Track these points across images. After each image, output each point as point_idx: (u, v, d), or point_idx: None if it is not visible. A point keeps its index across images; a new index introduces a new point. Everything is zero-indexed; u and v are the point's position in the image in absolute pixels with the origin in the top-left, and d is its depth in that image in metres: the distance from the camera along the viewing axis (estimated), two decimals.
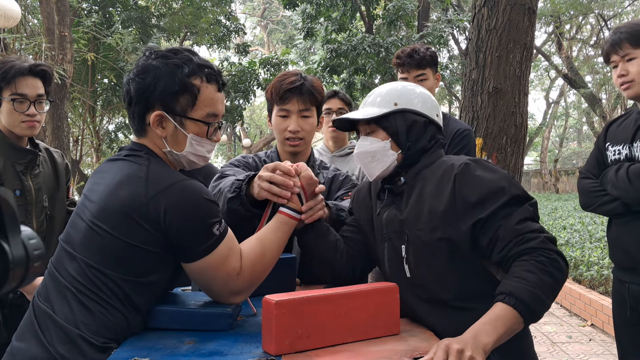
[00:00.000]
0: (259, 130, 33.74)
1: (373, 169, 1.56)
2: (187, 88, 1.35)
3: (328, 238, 1.60)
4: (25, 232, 0.62)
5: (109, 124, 13.46)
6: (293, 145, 1.87)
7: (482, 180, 1.39)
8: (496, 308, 1.23)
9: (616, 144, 2.10)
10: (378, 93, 1.60)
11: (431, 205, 1.43)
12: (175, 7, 12.76)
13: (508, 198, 1.36)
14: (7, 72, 1.97)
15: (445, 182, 1.43)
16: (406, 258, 1.47)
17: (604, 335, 4.63)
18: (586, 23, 21.31)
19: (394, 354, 1.15)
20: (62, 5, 7.18)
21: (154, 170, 1.30)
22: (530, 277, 1.24)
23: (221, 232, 1.31)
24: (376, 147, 1.53)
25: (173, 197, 1.25)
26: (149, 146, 1.38)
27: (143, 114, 1.37)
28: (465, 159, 1.46)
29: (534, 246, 1.29)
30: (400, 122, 1.53)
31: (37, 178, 2.09)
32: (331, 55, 12.11)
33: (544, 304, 1.25)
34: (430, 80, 2.58)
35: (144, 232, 1.25)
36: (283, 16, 29.51)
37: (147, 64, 1.36)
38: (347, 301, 1.24)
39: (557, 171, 26.39)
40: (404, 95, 1.56)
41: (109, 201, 1.27)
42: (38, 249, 0.63)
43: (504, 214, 1.34)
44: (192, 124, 1.38)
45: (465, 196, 1.38)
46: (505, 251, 1.33)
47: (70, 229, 1.35)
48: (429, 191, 1.46)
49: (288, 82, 1.84)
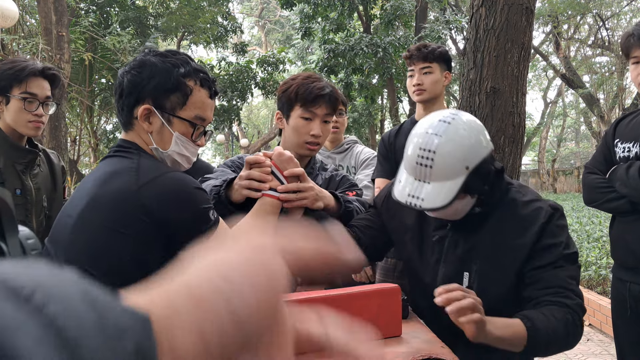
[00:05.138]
0: (257, 130, 33.73)
1: (455, 217, 1.51)
2: (180, 87, 1.36)
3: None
4: (22, 232, 0.61)
5: (106, 124, 13.45)
6: (311, 149, 1.86)
7: (559, 234, 1.45)
8: (513, 320, 1.32)
9: (626, 141, 2.07)
10: (440, 161, 1.37)
11: (512, 243, 1.45)
12: (173, 7, 12.75)
13: (569, 253, 1.43)
14: (21, 71, 1.99)
15: (529, 225, 1.45)
16: (469, 286, 1.47)
17: (601, 335, 4.64)
18: (584, 23, 21.35)
19: (396, 356, 1.14)
20: (60, 5, 7.16)
21: (144, 162, 1.30)
22: (553, 321, 1.32)
23: (215, 217, 1.32)
24: (458, 207, 1.45)
25: (165, 185, 1.25)
26: (138, 142, 1.39)
27: (132, 106, 1.37)
28: (548, 205, 1.49)
29: (569, 305, 1.36)
30: (478, 182, 1.40)
31: (37, 178, 2.10)
32: (329, 55, 12.12)
33: (546, 349, 1.36)
34: (435, 75, 2.57)
35: (136, 220, 1.23)
36: (281, 16, 29.53)
37: (144, 59, 1.37)
38: (349, 302, 1.23)
39: (555, 171, 26.44)
40: (469, 151, 1.39)
41: (100, 192, 1.26)
42: (36, 249, 0.62)
43: (558, 265, 1.41)
44: (179, 123, 1.38)
45: (543, 243, 1.43)
46: (542, 293, 1.39)
47: (55, 227, 1.34)
48: (509, 227, 1.47)
49: (319, 87, 1.83)
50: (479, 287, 1.46)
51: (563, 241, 1.44)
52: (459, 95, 5.01)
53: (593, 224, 8.38)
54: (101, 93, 12.03)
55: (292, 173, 1.54)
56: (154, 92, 1.35)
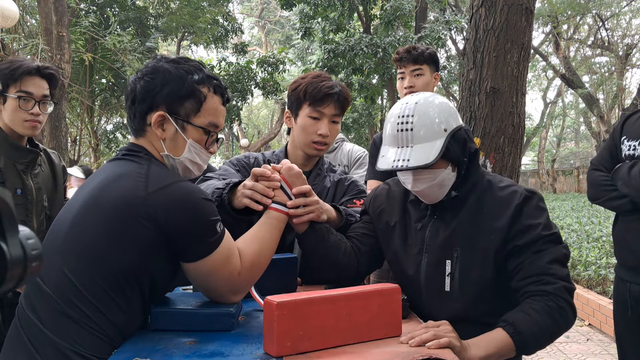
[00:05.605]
0: (257, 130, 33.73)
1: (438, 195, 1.53)
2: (194, 94, 1.36)
3: (329, 240, 1.59)
4: (23, 231, 0.61)
5: (107, 124, 13.47)
6: (319, 149, 1.85)
7: (536, 216, 1.46)
8: (495, 332, 1.34)
9: (632, 138, 2.06)
10: (419, 123, 1.45)
11: (490, 226, 1.47)
12: (173, 7, 12.75)
13: (548, 234, 1.43)
14: (16, 70, 1.99)
15: (505, 207, 1.47)
16: (451, 273, 1.49)
17: (601, 335, 4.64)
18: (584, 23, 21.35)
19: (395, 356, 1.14)
20: (60, 5, 7.16)
21: (154, 169, 1.28)
22: (535, 316, 1.34)
23: (221, 229, 1.31)
24: (441, 177, 1.49)
25: (174, 195, 1.23)
26: (148, 148, 1.36)
27: (145, 113, 1.35)
28: (524, 189, 1.50)
29: (549, 290, 1.38)
30: (456, 146, 1.48)
31: (37, 178, 2.10)
32: (329, 55, 12.13)
33: (539, 343, 1.37)
34: (426, 77, 2.58)
35: (139, 227, 1.20)
36: (281, 16, 29.53)
37: (157, 66, 1.36)
38: (349, 302, 1.23)
39: (554, 171, 26.46)
40: (444, 114, 1.48)
41: (104, 194, 1.23)
42: (36, 249, 0.62)
43: (537, 248, 1.42)
44: (193, 130, 1.37)
45: (520, 224, 1.44)
46: (524, 284, 1.41)
47: (54, 226, 1.31)
48: (487, 212, 1.49)
49: (328, 86, 1.82)
50: (461, 273, 1.48)
51: (541, 222, 1.44)
52: (458, 95, 5.01)
53: (593, 224, 8.38)
54: (101, 93, 12.03)
55: (300, 191, 1.52)
56: (168, 99, 1.34)
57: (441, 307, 1.50)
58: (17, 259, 0.59)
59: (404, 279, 1.61)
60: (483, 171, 1.59)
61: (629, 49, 19.76)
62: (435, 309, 1.52)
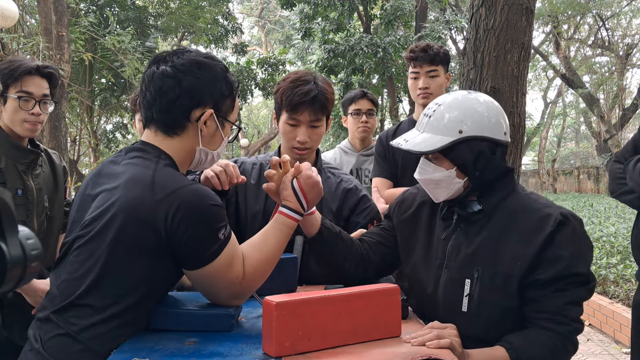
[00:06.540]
0: (257, 130, 33.72)
1: (438, 195, 1.49)
2: (232, 92, 1.40)
3: (338, 247, 1.57)
4: (22, 232, 0.62)
5: (106, 124, 13.45)
6: (300, 154, 1.84)
7: (567, 246, 1.36)
8: (496, 349, 1.33)
9: None
10: (439, 114, 1.43)
11: (516, 251, 1.38)
12: (173, 7, 12.75)
13: (574, 274, 1.36)
14: (15, 70, 1.98)
15: (536, 232, 1.37)
16: (470, 294, 1.42)
17: (601, 335, 4.64)
18: (584, 23, 21.34)
19: (395, 357, 1.14)
20: (60, 5, 7.15)
21: (160, 174, 1.25)
22: (538, 348, 1.33)
23: (225, 236, 1.28)
24: (440, 176, 1.45)
25: (179, 201, 1.20)
26: (161, 146, 1.33)
27: (190, 109, 1.32)
28: (559, 212, 1.39)
29: (560, 331, 1.36)
30: (466, 153, 1.41)
31: (38, 178, 2.09)
32: (329, 55, 12.12)
33: None
34: (440, 78, 2.56)
35: (147, 235, 1.20)
36: (281, 16, 29.51)
37: (199, 61, 1.33)
38: (349, 303, 1.23)
39: (554, 171, 26.42)
40: (470, 118, 1.41)
41: (112, 203, 1.22)
42: (36, 249, 0.62)
43: (559, 287, 1.36)
44: (227, 127, 1.42)
45: (549, 253, 1.36)
46: (536, 316, 1.38)
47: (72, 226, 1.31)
48: (516, 236, 1.40)
49: (301, 93, 1.76)
50: (480, 295, 1.41)
51: (571, 255, 1.35)
52: None
53: (593, 224, 8.37)
54: (101, 93, 12.03)
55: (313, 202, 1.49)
56: (216, 97, 1.35)
57: (459, 326, 1.37)
58: (16, 259, 0.59)
59: (422, 296, 1.55)
60: (520, 188, 1.51)
61: (629, 49, 19.77)
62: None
